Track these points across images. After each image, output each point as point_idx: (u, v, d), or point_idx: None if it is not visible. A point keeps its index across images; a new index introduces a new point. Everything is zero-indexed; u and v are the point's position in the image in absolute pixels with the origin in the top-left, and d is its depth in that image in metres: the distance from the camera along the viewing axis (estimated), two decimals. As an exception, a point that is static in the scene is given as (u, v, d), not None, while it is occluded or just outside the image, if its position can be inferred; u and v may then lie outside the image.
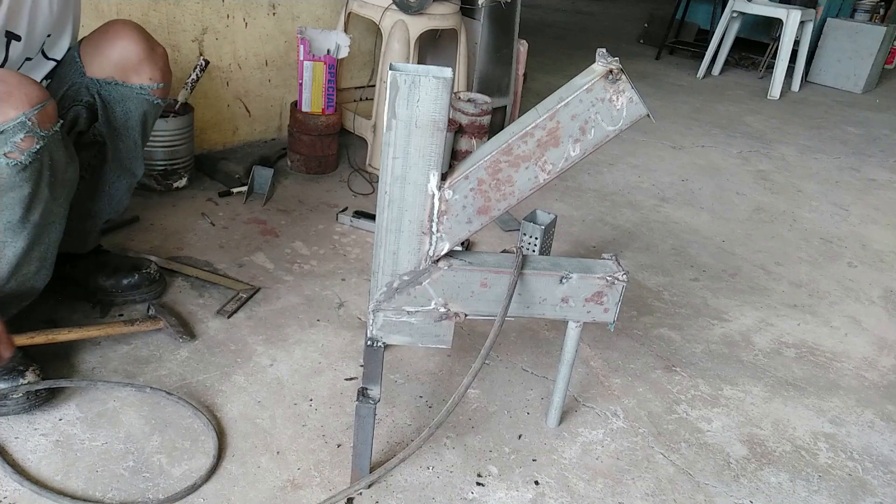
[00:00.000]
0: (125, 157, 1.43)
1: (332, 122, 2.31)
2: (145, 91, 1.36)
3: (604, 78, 0.95)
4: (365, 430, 1.12)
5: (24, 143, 1.05)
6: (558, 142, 0.99)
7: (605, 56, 0.98)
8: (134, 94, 1.35)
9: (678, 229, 2.35)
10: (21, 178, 1.08)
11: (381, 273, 1.07)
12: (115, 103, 1.35)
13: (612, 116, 0.98)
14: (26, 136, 1.05)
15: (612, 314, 1.19)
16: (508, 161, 1.00)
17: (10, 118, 1.03)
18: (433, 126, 0.96)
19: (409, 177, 0.99)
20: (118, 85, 1.34)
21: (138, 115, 1.39)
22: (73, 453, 1.16)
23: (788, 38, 4.39)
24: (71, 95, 1.34)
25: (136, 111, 1.38)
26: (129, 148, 1.43)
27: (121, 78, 1.33)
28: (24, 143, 1.05)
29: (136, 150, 1.45)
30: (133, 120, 1.39)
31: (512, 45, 2.72)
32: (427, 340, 1.14)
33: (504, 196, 1.03)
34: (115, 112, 1.36)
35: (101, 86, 1.33)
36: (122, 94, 1.35)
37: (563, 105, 0.96)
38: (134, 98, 1.36)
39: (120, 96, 1.35)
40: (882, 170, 3.28)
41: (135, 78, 1.34)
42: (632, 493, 1.23)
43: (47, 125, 1.08)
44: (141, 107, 1.38)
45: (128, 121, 1.38)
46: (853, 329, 1.87)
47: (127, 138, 1.41)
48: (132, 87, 1.34)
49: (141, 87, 1.35)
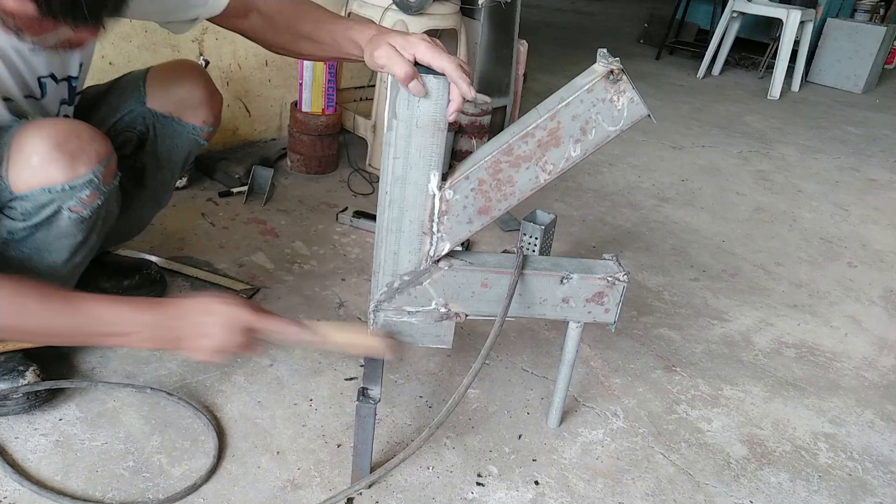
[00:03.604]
0: (159, 188, 1.47)
1: (332, 122, 2.31)
2: (196, 132, 1.40)
3: (605, 78, 0.94)
4: (365, 430, 1.12)
5: (89, 199, 1.07)
6: (559, 142, 0.99)
7: (606, 56, 0.98)
8: (186, 132, 1.39)
9: (678, 229, 2.35)
10: (77, 229, 1.11)
11: (382, 273, 1.07)
12: (165, 137, 1.39)
13: (613, 117, 0.97)
14: (92, 191, 1.07)
15: (612, 315, 1.18)
16: (509, 161, 1.00)
17: (80, 175, 1.04)
18: (434, 126, 0.96)
19: (409, 177, 0.99)
20: (174, 121, 1.37)
21: (184, 152, 1.43)
22: (73, 453, 1.16)
23: (788, 38, 4.39)
24: (127, 121, 1.36)
25: (183, 148, 1.42)
26: (165, 180, 1.47)
27: (178, 115, 1.37)
28: (88, 199, 1.07)
29: (171, 183, 1.50)
30: (177, 155, 1.43)
31: (512, 45, 2.71)
32: (427, 340, 1.14)
33: (505, 196, 1.03)
34: (163, 145, 1.39)
35: (158, 118, 1.36)
36: (175, 130, 1.38)
37: (564, 105, 0.96)
38: (185, 136, 1.40)
39: (173, 132, 1.38)
40: (882, 170, 3.28)
41: (191, 118, 1.38)
42: (632, 493, 1.23)
43: (110, 180, 1.11)
44: (188, 145, 1.42)
45: (172, 155, 1.42)
46: (853, 329, 1.87)
47: (166, 171, 1.44)
48: (186, 125, 1.38)
49: (194, 127, 1.39)
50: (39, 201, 1.04)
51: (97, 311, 0.96)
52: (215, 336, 0.97)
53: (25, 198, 1.04)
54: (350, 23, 1.14)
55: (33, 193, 1.03)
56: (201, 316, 0.98)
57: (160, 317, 0.97)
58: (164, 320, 0.97)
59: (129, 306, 0.97)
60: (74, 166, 1.03)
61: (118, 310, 0.96)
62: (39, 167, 1.02)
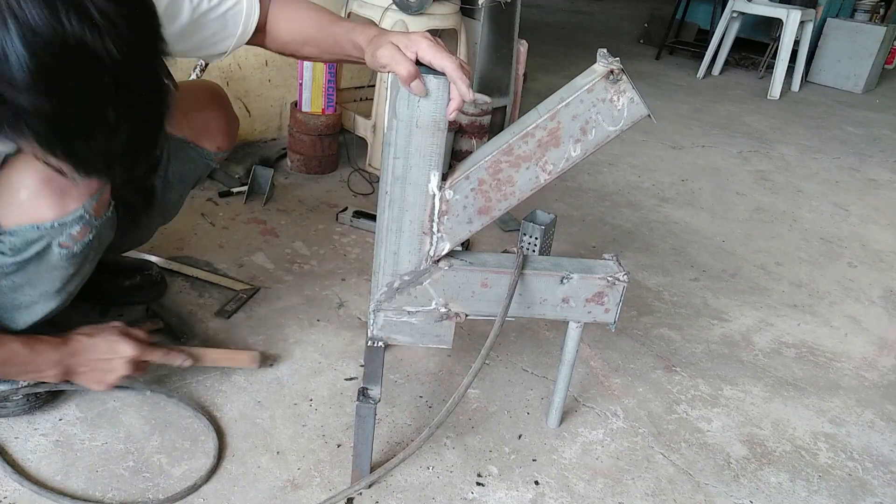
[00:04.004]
0: (168, 207, 1.45)
1: (332, 122, 2.31)
2: (209, 157, 1.38)
3: (605, 78, 0.94)
4: (365, 430, 1.12)
5: (80, 234, 1.05)
6: (559, 142, 0.99)
7: (606, 56, 0.98)
8: (200, 157, 1.37)
9: (678, 229, 2.35)
10: (69, 263, 1.08)
11: (382, 273, 1.07)
12: (179, 161, 1.36)
13: (613, 117, 0.97)
14: (83, 227, 1.04)
15: (612, 314, 1.18)
16: (509, 161, 1.00)
17: (70, 211, 1.01)
18: (434, 126, 0.95)
19: (409, 177, 0.99)
20: (189, 146, 1.35)
21: (195, 175, 1.42)
22: (73, 453, 1.16)
23: (788, 38, 4.39)
24: None
25: (195, 172, 1.40)
26: (173, 200, 1.44)
27: (193, 140, 1.34)
28: (79, 235, 1.04)
29: (179, 203, 1.47)
30: (187, 178, 1.40)
31: (512, 45, 2.71)
32: (428, 340, 1.14)
33: (505, 196, 1.03)
34: (175, 168, 1.36)
35: (173, 142, 1.33)
36: (189, 156, 1.36)
37: (564, 105, 0.96)
38: (198, 160, 1.38)
39: (186, 156, 1.36)
40: (882, 170, 3.28)
41: (206, 143, 1.36)
42: (632, 493, 1.23)
43: (102, 212, 1.08)
44: (199, 169, 1.40)
45: (183, 177, 1.39)
46: (853, 329, 1.87)
47: (175, 192, 1.42)
48: (200, 150, 1.36)
49: (209, 152, 1.37)
50: (28, 237, 1.01)
51: (13, 346, 1.06)
52: (114, 372, 1.14)
53: (14, 233, 1.01)
54: (351, 24, 1.14)
55: (22, 229, 1.00)
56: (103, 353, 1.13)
57: (65, 354, 1.11)
58: (68, 357, 1.11)
59: (41, 344, 1.09)
60: (64, 202, 1.00)
61: (32, 346, 1.08)
62: (28, 203, 0.98)
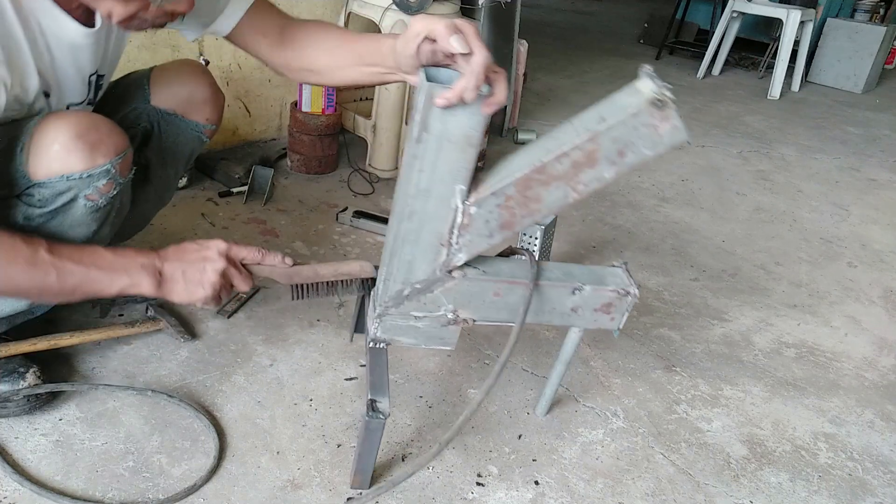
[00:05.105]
0: (163, 184, 1.51)
1: (332, 122, 2.31)
2: (199, 129, 1.45)
3: (651, 104, 0.90)
4: (371, 444, 1.09)
5: (105, 188, 1.11)
6: (595, 164, 0.95)
7: (652, 75, 0.92)
8: (189, 129, 1.44)
9: (678, 229, 2.35)
10: (91, 219, 1.14)
11: (392, 281, 1.05)
12: (169, 134, 1.43)
13: (654, 142, 0.93)
14: (108, 181, 1.11)
15: (617, 322, 1.18)
16: (540, 180, 0.97)
17: (98, 164, 1.08)
18: (465, 141, 0.92)
19: (433, 190, 0.96)
20: (178, 118, 1.41)
21: (187, 149, 1.48)
22: (73, 453, 1.16)
23: (788, 38, 4.39)
24: (131, 118, 1.39)
25: (187, 145, 1.47)
26: (168, 177, 1.51)
27: (182, 112, 1.41)
28: (105, 188, 1.11)
29: (174, 180, 1.55)
30: (181, 152, 1.47)
31: (512, 45, 2.72)
32: (432, 343, 1.13)
33: (530, 212, 1.00)
34: (167, 142, 1.43)
35: (162, 115, 1.40)
36: (178, 128, 1.43)
37: (606, 128, 0.92)
38: (188, 133, 1.44)
39: (176, 129, 1.43)
40: (882, 170, 3.28)
41: (194, 115, 1.43)
42: (632, 493, 1.23)
43: (126, 172, 1.15)
44: (191, 143, 1.47)
45: (176, 152, 1.46)
46: (853, 329, 1.87)
47: (170, 168, 1.48)
48: (189, 122, 1.43)
49: (197, 124, 1.44)
50: (57, 188, 1.07)
51: (100, 251, 1.06)
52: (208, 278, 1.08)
53: (44, 185, 1.07)
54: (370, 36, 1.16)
55: (52, 181, 1.06)
56: (193, 251, 1.10)
57: (153, 257, 1.08)
58: (156, 260, 1.08)
59: (125, 249, 1.09)
60: (93, 156, 1.07)
61: (115, 250, 1.07)
62: (60, 155, 1.05)
